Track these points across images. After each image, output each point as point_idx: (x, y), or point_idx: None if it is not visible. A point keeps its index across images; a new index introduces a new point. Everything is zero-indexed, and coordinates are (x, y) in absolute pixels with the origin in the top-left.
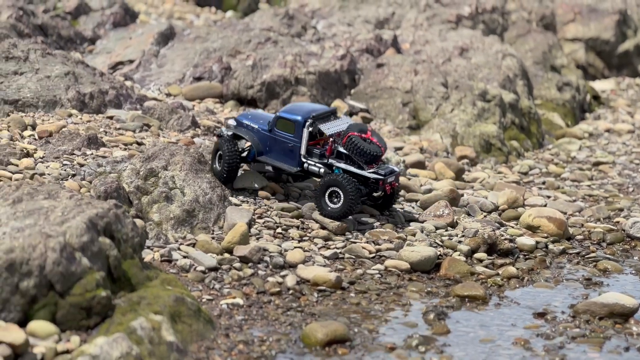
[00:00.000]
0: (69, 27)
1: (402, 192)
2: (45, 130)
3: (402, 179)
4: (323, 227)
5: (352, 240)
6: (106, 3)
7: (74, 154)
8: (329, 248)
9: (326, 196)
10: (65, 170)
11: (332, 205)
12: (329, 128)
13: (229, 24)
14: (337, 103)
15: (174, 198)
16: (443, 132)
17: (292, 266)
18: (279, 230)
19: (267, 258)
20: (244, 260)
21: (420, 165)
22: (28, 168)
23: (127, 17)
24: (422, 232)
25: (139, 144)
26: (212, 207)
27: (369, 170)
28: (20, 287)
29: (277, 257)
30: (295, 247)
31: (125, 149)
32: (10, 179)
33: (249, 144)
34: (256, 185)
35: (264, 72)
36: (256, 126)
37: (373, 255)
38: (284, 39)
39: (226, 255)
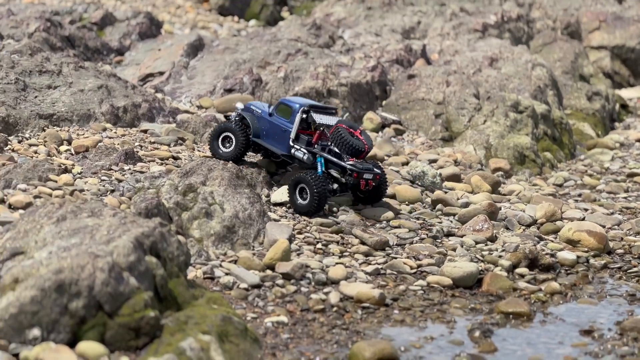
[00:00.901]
0: (95, 38)
1: (439, 206)
2: (82, 145)
3: (438, 193)
4: (363, 243)
5: (392, 255)
6: (131, 13)
7: (111, 169)
8: (369, 264)
9: (296, 192)
10: (103, 186)
11: (301, 201)
12: (320, 118)
13: (256, 34)
14: (369, 115)
15: (214, 214)
16: (476, 144)
17: (335, 282)
18: (319, 245)
19: (309, 274)
20: (287, 277)
21: (455, 178)
22: (67, 184)
23: (153, 27)
24: (462, 246)
25: (175, 158)
26: (252, 223)
27: (347, 162)
28: (70, 307)
29: (319, 273)
30: (336, 263)
31: (161, 164)
32: (50, 195)
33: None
34: None
35: (296, 84)
36: (260, 111)
37: (414, 270)
38: (314, 50)
39: (268, 272)
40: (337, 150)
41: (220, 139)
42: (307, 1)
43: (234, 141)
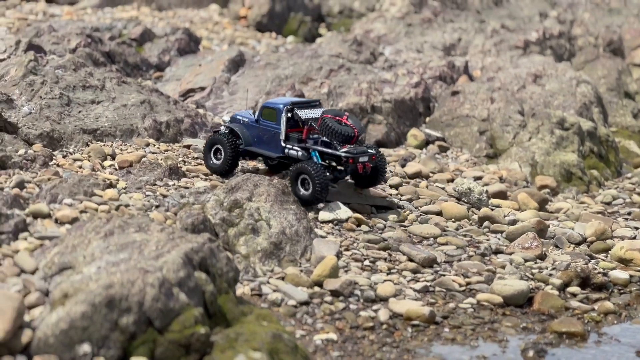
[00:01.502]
0: (135, 54)
1: (486, 223)
2: (126, 160)
3: (485, 210)
4: (410, 259)
5: (440, 272)
6: (169, 30)
7: (156, 184)
8: (418, 281)
9: (298, 183)
10: (148, 201)
11: (303, 191)
12: (306, 113)
13: (296, 50)
14: (413, 131)
15: (260, 230)
16: (522, 161)
17: (384, 300)
18: (366, 262)
19: (357, 291)
20: (335, 294)
21: (502, 195)
22: (112, 199)
23: (192, 43)
24: (511, 264)
25: None
26: (299, 240)
27: (342, 150)
28: (120, 323)
29: (368, 290)
30: (385, 280)
31: (205, 179)
32: (96, 210)
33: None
34: (341, 217)
35: (340, 100)
36: (246, 119)
37: (463, 288)
38: (357, 66)
39: (316, 288)
40: (327, 140)
41: (212, 151)
42: (344, 18)
43: (222, 153)
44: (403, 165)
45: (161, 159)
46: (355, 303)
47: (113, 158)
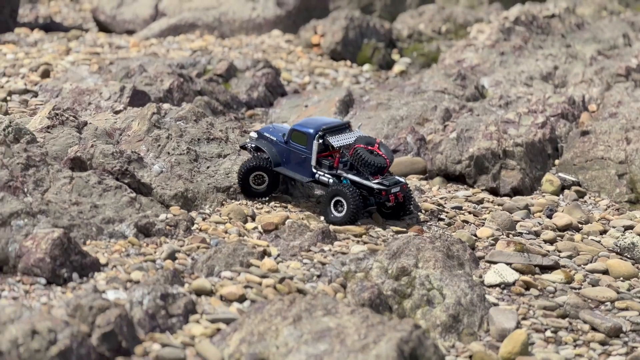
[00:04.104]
0: (225, 92)
1: None
2: (271, 222)
3: None
4: (593, 328)
5: (630, 343)
6: (250, 62)
7: (310, 250)
8: (610, 354)
9: (331, 205)
10: (308, 270)
11: (336, 214)
12: (337, 140)
13: (395, 84)
14: (548, 176)
15: (434, 301)
16: None
17: None
18: (548, 333)
19: None
20: None
21: None
22: (271, 270)
23: (278, 77)
24: None
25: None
26: (475, 309)
27: (374, 181)
28: None
29: None
30: (576, 355)
31: (358, 241)
32: (260, 284)
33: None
34: (508, 280)
35: (469, 145)
36: (275, 138)
37: None
38: (478, 105)
39: None
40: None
41: (252, 177)
42: (415, 42)
43: (266, 179)
44: (549, 216)
45: (302, 217)
46: None
47: (253, 219)
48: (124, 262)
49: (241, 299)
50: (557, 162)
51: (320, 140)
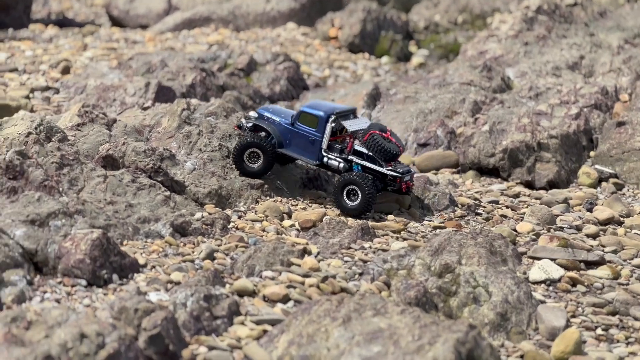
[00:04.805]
0: (247, 86)
1: None
2: (308, 219)
3: None
4: None
5: None
6: (270, 56)
7: (350, 247)
8: None
9: (344, 194)
10: (350, 268)
11: (350, 203)
12: (351, 125)
13: (418, 77)
14: (585, 169)
15: (480, 298)
16: None
17: None
18: (598, 331)
19: None
20: None
21: None
22: (313, 269)
23: (299, 70)
24: None
25: (406, 230)
26: (522, 307)
27: (387, 168)
28: None
29: None
30: (629, 353)
31: (396, 237)
32: (303, 283)
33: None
34: (554, 276)
35: (502, 138)
36: (277, 119)
37: None
38: (508, 97)
39: None
40: (369, 153)
41: (247, 155)
42: (431, 34)
43: (261, 157)
44: (589, 210)
45: (339, 214)
46: None
47: (289, 216)
48: (162, 263)
49: (285, 299)
50: (592, 153)
51: (334, 124)
